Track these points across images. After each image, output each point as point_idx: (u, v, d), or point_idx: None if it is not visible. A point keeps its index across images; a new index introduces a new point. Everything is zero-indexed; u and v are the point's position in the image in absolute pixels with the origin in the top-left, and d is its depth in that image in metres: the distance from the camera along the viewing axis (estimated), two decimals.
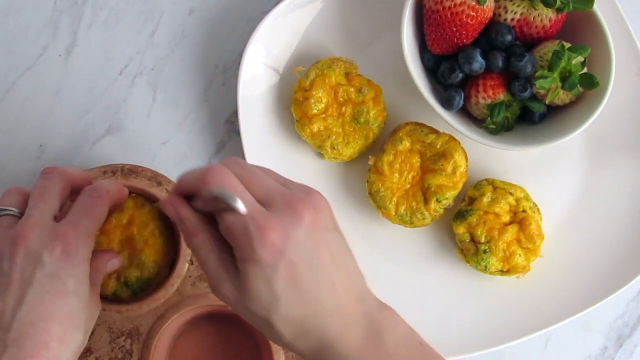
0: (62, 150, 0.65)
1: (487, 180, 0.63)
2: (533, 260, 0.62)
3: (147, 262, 0.55)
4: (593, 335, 0.66)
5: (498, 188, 0.62)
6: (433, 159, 0.62)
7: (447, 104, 0.61)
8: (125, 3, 0.67)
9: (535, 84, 0.58)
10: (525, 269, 0.62)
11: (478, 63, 0.59)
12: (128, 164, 0.59)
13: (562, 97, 0.60)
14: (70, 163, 0.65)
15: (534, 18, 0.59)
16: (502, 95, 0.60)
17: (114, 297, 0.56)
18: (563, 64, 0.57)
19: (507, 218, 0.61)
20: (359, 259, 0.64)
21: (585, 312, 0.62)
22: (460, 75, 0.60)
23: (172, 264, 0.57)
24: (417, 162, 0.62)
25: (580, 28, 0.60)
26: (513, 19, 0.59)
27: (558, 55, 0.57)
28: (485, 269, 0.61)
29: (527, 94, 0.59)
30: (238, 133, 0.64)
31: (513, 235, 0.61)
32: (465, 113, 0.63)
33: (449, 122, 0.60)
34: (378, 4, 0.66)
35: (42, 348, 0.42)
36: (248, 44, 0.63)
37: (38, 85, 0.66)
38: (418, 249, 0.65)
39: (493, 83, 0.60)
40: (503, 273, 0.62)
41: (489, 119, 0.60)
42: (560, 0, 0.57)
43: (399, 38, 0.60)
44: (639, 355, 0.66)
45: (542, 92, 0.59)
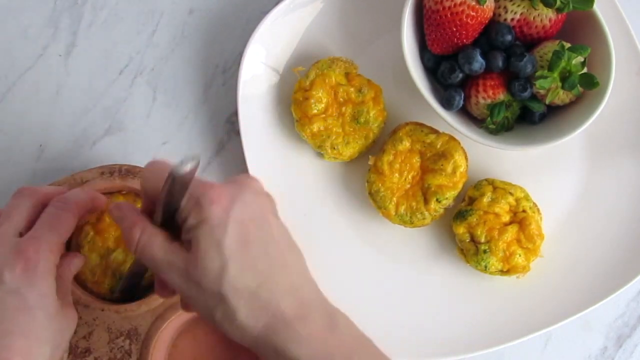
0: (62, 150, 0.65)
1: (487, 180, 0.63)
2: (533, 260, 0.62)
3: None
4: (593, 335, 0.66)
5: (498, 188, 0.62)
6: (433, 159, 0.62)
7: (447, 104, 0.61)
8: (125, 3, 0.67)
9: (535, 84, 0.58)
10: (525, 269, 0.62)
11: (478, 63, 0.59)
12: (126, 165, 0.60)
13: (562, 97, 0.60)
14: (71, 163, 0.65)
15: (534, 18, 0.59)
16: (502, 95, 0.60)
17: (111, 292, 0.57)
18: (563, 64, 0.57)
19: (507, 218, 0.61)
20: (359, 259, 0.65)
21: (585, 312, 0.62)
22: (460, 75, 0.60)
23: None
24: (417, 162, 0.62)
25: (580, 28, 0.60)
26: (513, 19, 0.59)
27: (558, 55, 0.57)
28: (485, 269, 0.61)
29: (527, 94, 0.59)
30: (238, 133, 0.64)
31: (513, 235, 0.61)
32: (465, 113, 0.63)
33: (449, 122, 0.60)
34: (378, 4, 0.66)
35: None
36: (248, 44, 0.63)
37: (38, 85, 0.66)
38: (418, 249, 0.65)
39: (493, 83, 0.60)
40: (503, 273, 0.62)
41: (489, 119, 0.60)
42: (560, 0, 0.57)
43: (399, 38, 0.60)
44: (639, 355, 0.66)
45: (542, 92, 0.59)
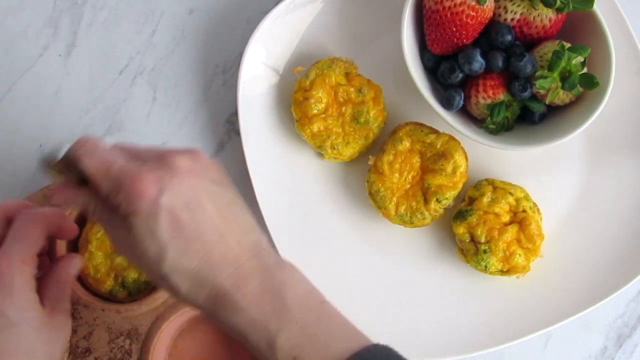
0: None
1: (487, 180, 0.63)
2: (533, 260, 0.62)
3: None
4: (593, 335, 0.66)
5: (498, 188, 0.62)
6: (433, 159, 0.62)
7: (447, 104, 0.61)
8: (125, 3, 0.67)
9: (535, 84, 0.58)
10: (525, 269, 0.62)
11: (478, 63, 0.59)
12: None
13: (562, 97, 0.60)
14: None
15: (534, 18, 0.59)
16: (502, 95, 0.60)
17: (110, 295, 0.56)
18: (563, 64, 0.57)
19: (507, 218, 0.61)
20: (359, 259, 0.65)
21: (585, 312, 0.62)
22: (460, 75, 0.60)
23: None
24: (417, 162, 0.62)
25: (580, 28, 0.60)
26: (513, 19, 0.59)
27: (558, 55, 0.57)
28: (485, 269, 0.61)
29: (527, 94, 0.59)
30: (238, 133, 0.64)
31: (513, 235, 0.61)
32: (465, 113, 0.63)
33: (449, 122, 0.60)
34: (378, 4, 0.66)
35: None
36: (248, 44, 0.63)
37: (38, 85, 0.66)
38: (418, 249, 0.65)
39: (493, 83, 0.60)
40: (503, 273, 0.62)
41: (489, 119, 0.60)
42: (560, 0, 0.57)
43: (399, 38, 0.60)
44: (639, 355, 0.66)
45: (542, 92, 0.59)
